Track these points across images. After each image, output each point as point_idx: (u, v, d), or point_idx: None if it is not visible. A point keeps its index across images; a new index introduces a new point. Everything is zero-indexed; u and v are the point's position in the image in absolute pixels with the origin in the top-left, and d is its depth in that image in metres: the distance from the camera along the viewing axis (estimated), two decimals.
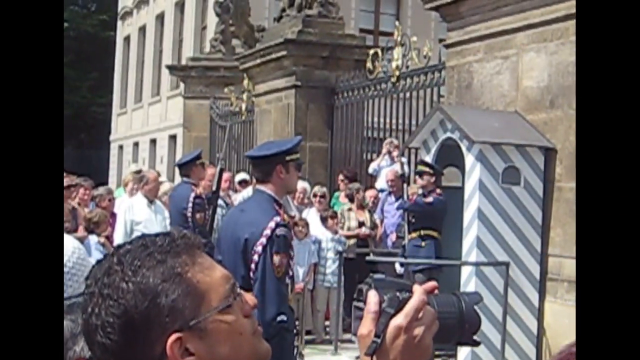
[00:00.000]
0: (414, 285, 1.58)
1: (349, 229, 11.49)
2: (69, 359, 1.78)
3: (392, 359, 1.53)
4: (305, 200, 11.85)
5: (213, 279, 1.53)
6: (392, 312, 1.53)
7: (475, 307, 1.61)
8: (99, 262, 1.55)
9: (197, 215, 9.50)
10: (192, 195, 9.34)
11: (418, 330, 1.53)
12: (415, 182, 10.41)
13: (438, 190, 9.78)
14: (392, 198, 11.86)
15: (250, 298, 1.57)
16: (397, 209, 10.68)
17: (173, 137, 29.56)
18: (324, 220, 11.25)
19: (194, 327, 1.48)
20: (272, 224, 4.92)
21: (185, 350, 1.48)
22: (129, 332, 1.46)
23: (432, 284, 1.61)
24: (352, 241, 11.50)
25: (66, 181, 10.13)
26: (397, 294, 1.55)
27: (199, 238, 1.57)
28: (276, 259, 4.88)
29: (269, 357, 1.59)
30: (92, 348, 1.51)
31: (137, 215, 10.18)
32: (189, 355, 1.48)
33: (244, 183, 12.45)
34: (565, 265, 8.57)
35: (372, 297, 1.55)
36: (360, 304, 1.57)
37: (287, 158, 5.13)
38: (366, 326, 1.54)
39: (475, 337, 1.62)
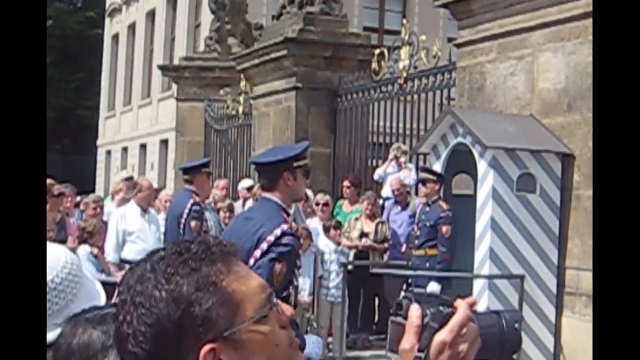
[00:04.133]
0: (456, 300, 1.63)
1: (350, 239, 11.47)
2: None
3: None
4: (308, 209, 11.83)
5: (249, 288, 1.56)
6: (436, 326, 1.59)
7: (516, 326, 1.65)
8: (131, 268, 1.58)
9: (192, 223, 9.49)
10: (191, 202, 9.35)
11: (462, 347, 1.59)
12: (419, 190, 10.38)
13: (444, 206, 9.73)
14: (397, 207, 11.89)
15: (287, 308, 1.61)
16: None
17: (164, 142, 29.55)
18: (326, 230, 11.20)
19: (228, 338, 1.51)
20: (277, 232, 4.97)
21: None
22: (160, 341, 1.49)
23: (472, 299, 1.66)
24: (352, 252, 11.47)
25: (57, 189, 10.15)
26: (441, 308, 1.60)
27: (235, 246, 1.60)
28: (277, 267, 4.92)
29: None
30: (124, 357, 1.54)
31: (129, 224, 10.18)
32: None
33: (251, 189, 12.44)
34: (583, 278, 8.57)
35: (415, 310, 1.60)
36: (399, 319, 1.62)
37: (295, 164, 5.18)
38: (409, 340, 1.59)
39: (514, 357, 1.67)
